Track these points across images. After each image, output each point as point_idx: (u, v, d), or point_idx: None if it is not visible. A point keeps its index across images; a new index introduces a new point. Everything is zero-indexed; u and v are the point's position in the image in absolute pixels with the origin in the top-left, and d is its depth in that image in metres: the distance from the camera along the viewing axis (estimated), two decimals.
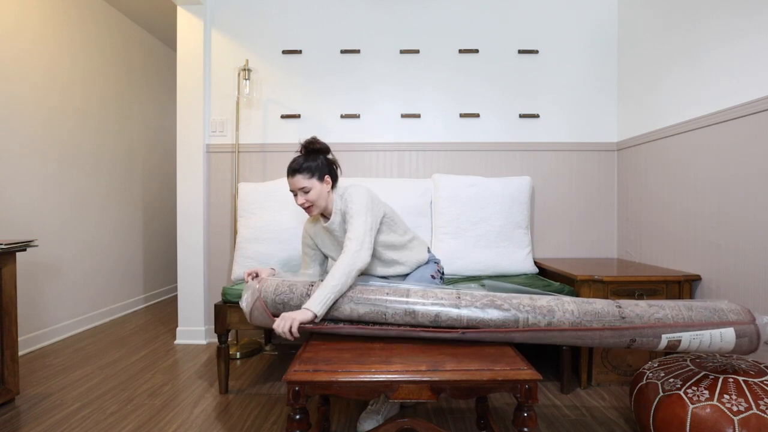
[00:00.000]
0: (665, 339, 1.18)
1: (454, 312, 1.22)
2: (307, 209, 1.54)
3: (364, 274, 1.82)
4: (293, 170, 1.51)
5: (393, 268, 1.66)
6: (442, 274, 1.72)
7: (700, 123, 1.85)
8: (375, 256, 1.62)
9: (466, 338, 1.23)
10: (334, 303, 1.30)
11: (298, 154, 1.56)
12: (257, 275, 1.53)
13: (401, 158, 2.57)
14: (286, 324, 1.23)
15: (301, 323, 1.24)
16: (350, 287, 1.34)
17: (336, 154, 2.56)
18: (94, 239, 2.97)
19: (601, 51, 2.55)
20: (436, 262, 1.73)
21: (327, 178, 1.54)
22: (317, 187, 1.51)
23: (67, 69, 2.72)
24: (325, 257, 1.74)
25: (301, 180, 1.50)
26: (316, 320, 1.27)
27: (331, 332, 1.32)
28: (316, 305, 1.26)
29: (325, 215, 1.61)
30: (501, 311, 1.21)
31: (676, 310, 1.21)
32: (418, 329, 1.23)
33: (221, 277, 2.58)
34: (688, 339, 1.18)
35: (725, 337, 1.17)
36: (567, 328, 1.18)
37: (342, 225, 1.56)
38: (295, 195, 1.53)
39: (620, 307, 1.21)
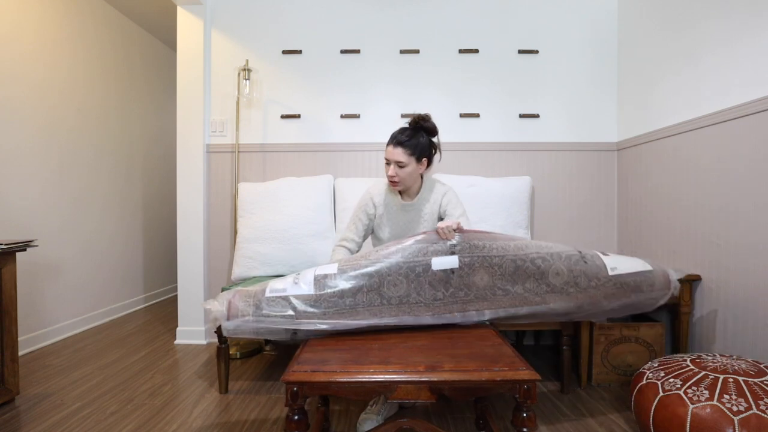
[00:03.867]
0: (600, 255, 1.46)
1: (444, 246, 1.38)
2: (394, 183, 1.55)
3: None
4: (398, 142, 1.51)
5: None
6: None
7: (700, 123, 1.85)
8: None
9: (459, 252, 1.35)
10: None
11: (406, 126, 1.56)
12: None
13: None
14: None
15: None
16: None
17: (336, 154, 2.56)
18: (94, 239, 2.97)
19: (601, 51, 2.54)
20: None
21: (424, 160, 1.55)
22: (412, 166, 1.52)
23: (67, 69, 2.72)
24: (365, 236, 1.69)
25: (401, 154, 1.50)
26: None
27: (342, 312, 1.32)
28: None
29: (405, 193, 1.63)
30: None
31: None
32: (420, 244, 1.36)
33: (221, 277, 2.58)
34: (616, 259, 1.47)
35: (645, 265, 1.49)
36: (532, 242, 1.44)
37: (430, 216, 1.61)
38: (388, 164, 1.53)
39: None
